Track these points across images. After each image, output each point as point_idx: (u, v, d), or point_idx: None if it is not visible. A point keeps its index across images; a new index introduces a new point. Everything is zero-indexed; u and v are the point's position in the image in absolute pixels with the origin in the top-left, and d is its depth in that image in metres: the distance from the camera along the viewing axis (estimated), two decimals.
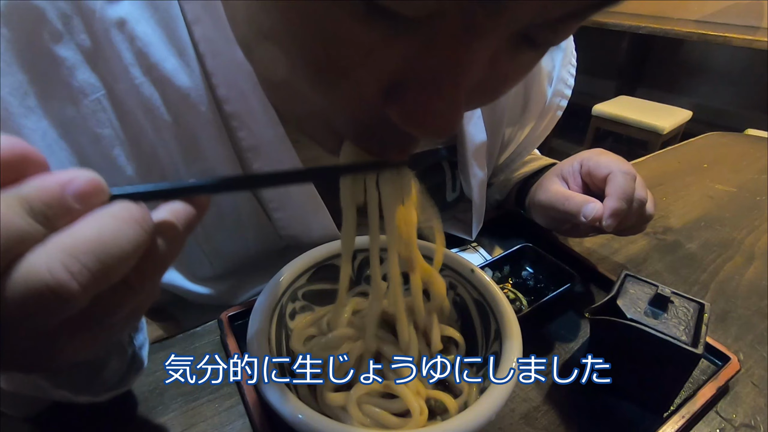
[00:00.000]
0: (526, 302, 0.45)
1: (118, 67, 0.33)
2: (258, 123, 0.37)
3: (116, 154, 0.35)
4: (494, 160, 0.57)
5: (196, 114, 0.36)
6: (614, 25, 2.59)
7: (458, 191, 0.55)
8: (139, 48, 0.33)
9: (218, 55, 0.35)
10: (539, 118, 0.55)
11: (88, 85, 0.33)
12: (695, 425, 0.35)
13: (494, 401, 0.26)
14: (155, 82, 0.34)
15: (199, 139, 0.36)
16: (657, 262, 0.55)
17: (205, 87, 0.35)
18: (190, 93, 0.35)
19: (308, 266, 0.37)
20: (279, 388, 0.26)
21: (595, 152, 0.48)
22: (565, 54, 0.53)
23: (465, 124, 0.49)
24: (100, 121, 0.34)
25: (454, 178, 0.54)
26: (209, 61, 0.35)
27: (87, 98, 0.33)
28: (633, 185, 0.42)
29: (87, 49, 0.32)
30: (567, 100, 0.55)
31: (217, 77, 0.35)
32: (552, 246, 0.53)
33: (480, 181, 0.53)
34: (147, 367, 0.38)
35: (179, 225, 0.19)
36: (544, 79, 0.53)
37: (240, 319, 0.42)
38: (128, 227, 0.16)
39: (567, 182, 0.49)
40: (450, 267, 0.38)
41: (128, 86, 0.34)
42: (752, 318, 0.46)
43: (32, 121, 0.32)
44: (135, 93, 0.34)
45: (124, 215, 0.17)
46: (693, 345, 0.32)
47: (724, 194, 0.73)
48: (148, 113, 0.35)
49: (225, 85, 0.35)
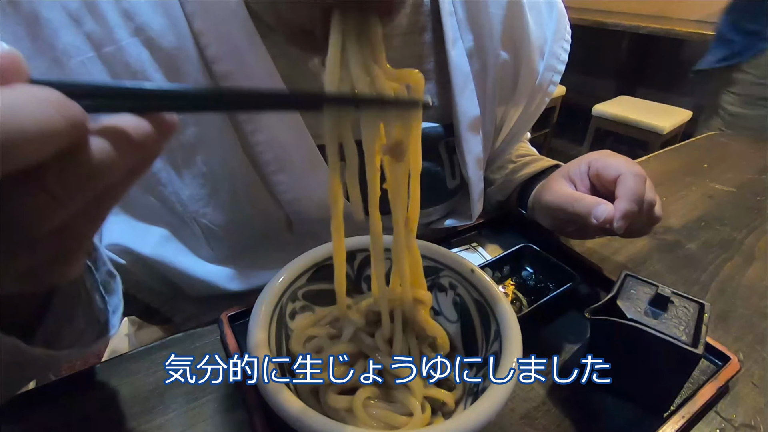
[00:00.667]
0: (526, 302, 0.45)
1: (104, 28, 0.32)
2: (252, 81, 0.36)
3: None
4: (491, 142, 0.57)
5: (186, 76, 0.35)
6: (614, 25, 2.59)
7: (459, 179, 0.55)
8: (125, 8, 0.32)
9: (208, 11, 0.34)
10: (531, 95, 0.55)
11: (72, 47, 0.32)
12: (695, 425, 0.35)
13: (494, 401, 0.26)
14: (143, 44, 0.33)
15: None
16: (657, 262, 0.55)
17: (194, 47, 0.34)
18: (179, 54, 0.34)
19: (308, 266, 0.37)
20: (279, 388, 0.26)
21: (603, 153, 0.48)
22: (557, 28, 0.53)
23: (456, 97, 0.49)
24: None
25: (452, 164, 0.53)
26: (197, 21, 0.34)
27: (72, 60, 0.33)
28: (644, 187, 0.42)
29: (72, 10, 0.32)
30: (560, 75, 0.54)
31: (207, 36, 0.34)
32: (552, 246, 0.53)
33: (476, 157, 0.52)
34: (147, 367, 0.38)
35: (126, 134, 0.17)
36: (535, 54, 0.52)
37: (240, 319, 0.42)
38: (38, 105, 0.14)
39: (574, 184, 0.49)
40: (450, 267, 0.38)
41: (114, 48, 0.33)
42: (752, 318, 0.46)
43: None
44: (122, 55, 0.33)
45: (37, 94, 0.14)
46: (693, 345, 0.32)
47: (724, 194, 0.73)
48: (135, 76, 0.34)
49: (215, 43, 0.35)
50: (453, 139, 0.52)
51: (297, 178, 0.42)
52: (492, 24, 0.48)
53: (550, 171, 0.57)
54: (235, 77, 0.36)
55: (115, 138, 0.17)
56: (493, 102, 0.52)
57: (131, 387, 0.36)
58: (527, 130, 0.58)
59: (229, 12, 0.34)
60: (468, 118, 0.50)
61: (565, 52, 0.54)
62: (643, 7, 2.84)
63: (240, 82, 0.36)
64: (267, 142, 0.39)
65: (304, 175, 0.42)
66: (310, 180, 0.42)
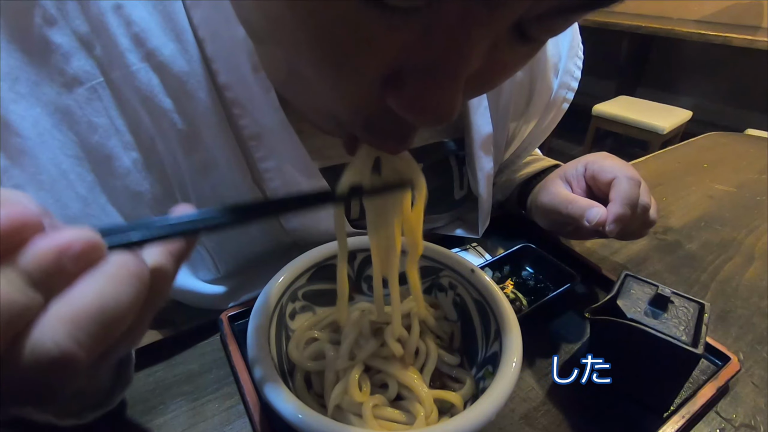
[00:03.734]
0: (526, 302, 0.45)
1: (114, 53, 0.32)
2: (259, 110, 0.36)
3: (112, 144, 0.34)
4: (501, 155, 0.57)
5: (196, 101, 0.34)
6: (614, 25, 2.59)
7: (466, 189, 0.55)
8: (136, 33, 0.32)
9: (218, 38, 0.33)
10: (545, 111, 0.55)
11: (83, 73, 0.32)
12: (695, 425, 0.35)
13: (494, 401, 0.26)
14: (153, 69, 0.33)
15: (199, 127, 0.35)
16: (657, 262, 0.55)
17: (204, 73, 0.34)
18: (189, 79, 0.34)
19: (308, 266, 0.37)
20: (279, 388, 0.26)
21: (600, 156, 0.48)
22: (571, 45, 0.53)
23: (471, 114, 0.49)
24: (95, 110, 0.33)
25: (461, 175, 0.54)
26: (209, 45, 0.33)
27: (82, 86, 0.32)
28: (638, 191, 0.42)
29: (82, 35, 0.31)
30: (573, 92, 0.54)
31: (218, 63, 0.34)
32: (552, 246, 0.53)
33: (487, 174, 0.52)
34: (147, 367, 0.38)
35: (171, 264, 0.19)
36: (550, 72, 0.53)
37: (240, 319, 0.42)
38: (128, 286, 0.16)
39: (571, 185, 0.49)
40: (450, 267, 0.38)
41: (125, 73, 0.33)
42: (752, 318, 0.46)
43: (22, 108, 0.31)
44: (132, 80, 0.33)
45: (122, 273, 0.16)
46: (693, 345, 0.32)
47: (724, 194, 0.73)
48: (146, 101, 0.34)
49: (225, 71, 0.34)
50: (464, 152, 0.52)
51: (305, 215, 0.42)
52: None
53: (549, 171, 0.57)
54: (244, 105, 0.36)
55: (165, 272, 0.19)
56: (505, 118, 0.53)
57: (131, 387, 0.36)
58: (537, 145, 0.59)
59: (237, 41, 0.34)
60: (481, 136, 0.50)
61: (578, 69, 0.54)
62: (643, 7, 2.84)
63: (247, 110, 0.36)
64: (275, 170, 0.39)
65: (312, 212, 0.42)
66: (319, 215, 0.42)
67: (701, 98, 2.89)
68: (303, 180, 0.40)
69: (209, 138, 0.36)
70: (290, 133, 0.38)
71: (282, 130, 0.37)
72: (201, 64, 0.34)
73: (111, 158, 0.34)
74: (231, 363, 0.38)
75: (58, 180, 0.33)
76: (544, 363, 0.40)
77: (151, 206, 0.37)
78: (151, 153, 0.36)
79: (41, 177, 0.32)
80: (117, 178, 0.35)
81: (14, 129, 0.31)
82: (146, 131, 0.35)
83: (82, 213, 0.34)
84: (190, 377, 0.37)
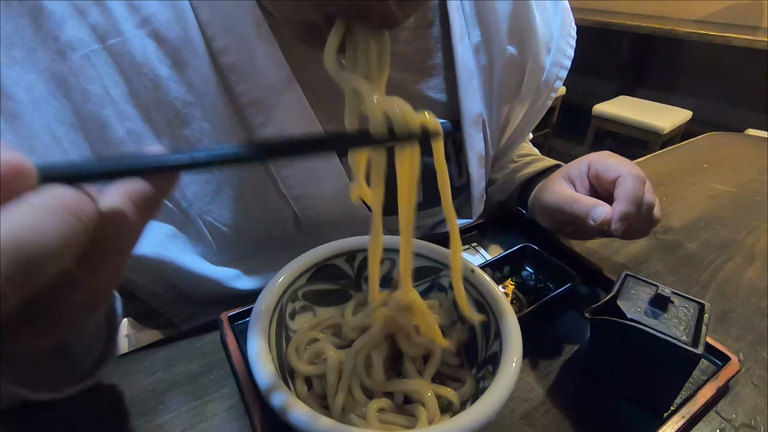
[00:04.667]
0: (526, 302, 0.45)
1: (109, 20, 0.32)
2: (262, 70, 0.36)
3: (107, 114, 0.34)
4: (495, 139, 0.56)
5: (192, 69, 0.34)
6: (614, 25, 2.59)
7: (465, 177, 0.55)
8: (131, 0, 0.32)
9: (214, 3, 0.33)
10: (538, 92, 0.55)
11: (76, 40, 0.32)
12: (695, 425, 0.35)
13: (494, 401, 0.26)
14: (148, 36, 0.33)
15: (196, 96, 0.35)
16: (657, 262, 0.55)
17: (200, 39, 0.34)
18: (185, 46, 0.33)
19: (308, 266, 0.37)
20: (279, 389, 0.26)
21: (603, 155, 0.48)
22: (563, 24, 0.53)
23: (461, 92, 0.48)
24: (89, 78, 0.33)
25: (459, 162, 0.53)
26: (204, 12, 0.33)
27: (76, 53, 0.32)
28: (643, 189, 0.42)
29: (76, 1, 0.31)
30: (566, 70, 0.54)
31: (214, 27, 0.34)
32: (552, 246, 0.53)
33: (478, 154, 0.52)
34: (147, 367, 0.38)
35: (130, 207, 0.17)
36: (542, 51, 0.52)
37: (240, 319, 0.41)
38: (56, 218, 0.14)
39: (574, 184, 0.49)
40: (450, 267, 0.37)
41: (119, 41, 0.32)
42: (752, 318, 0.46)
43: (16, 73, 0.31)
44: (127, 48, 0.33)
45: (51, 205, 0.14)
46: (693, 345, 0.32)
47: (724, 194, 0.73)
48: (141, 68, 0.33)
49: (222, 35, 0.34)
50: (460, 135, 0.51)
51: (306, 172, 0.41)
52: (499, 19, 0.48)
53: (550, 171, 0.57)
54: (242, 70, 0.35)
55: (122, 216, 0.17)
56: (498, 99, 0.52)
57: (131, 387, 0.36)
58: (532, 128, 0.58)
59: (236, 3, 0.33)
60: (472, 115, 0.50)
61: (570, 48, 0.54)
62: (643, 7, 2.85)
63: (247, 74, 0.35)
64: (276, 136, 0.38)
65: (314, 169, 0.41)
66: (319, 173, 0.41)
67: (701, 98, 2.88)
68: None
69: (206, 107, 0.35)
70: (295, 89, 0.37)
71: (286, 86, 0.36)
72: (197, 31, 0.33)
73: (105, 127, 0.34)
74: (231, 363, 0.38)
75: (51, 147, 0.33)
76: (544, 363, 0.40)
77: None
78: (146, 123, 0.35)
79: (34, 143, 0.32)
80: (111, 147, 0.35)
81: (7, 93, 0.31)
82: (141, 101, 0.34)
83: None
84: (190, 377, 0.37)
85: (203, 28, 0.34)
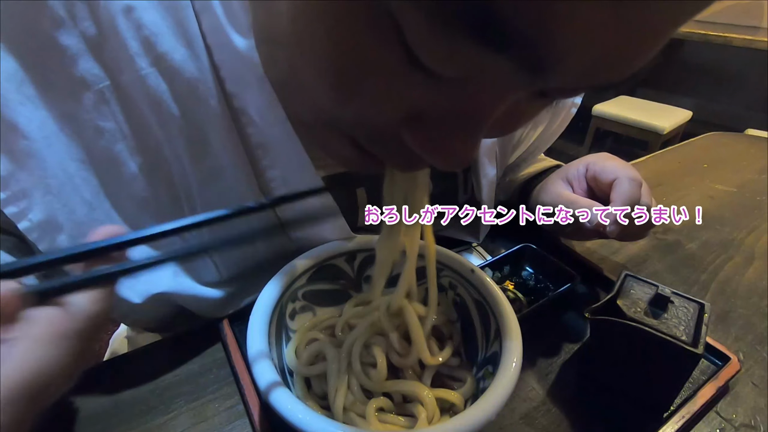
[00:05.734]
0: (526, 302, 0.45)
1: (123, 56, 0.31)
2: (265, 121, 0.36)
3: (119, 149, 0.34)
4: (506, 160, 0.57)
5: (205, 108, 0.34)
6: None
7: (469, 192, 0.55)
8: (146, 36, 0.31)
9: (225, 47, 0.33)
10: (553, 116, 0.55)
11: (90, 76, 0.31)
12: (695, 425, 0.35)
13: (494, 401, 0.26)
14: (162, 74, 0.32)
15: (208, 134, 0.35)
16: (657, 262, 0.55)
17: (213, 80, 0.33)
18: (199, 86, 0.33)
19: (308, 266, 0.37)
20: (279, 389, 0.26)
21: (602, 157, 0.48)
22: None
23: None
24: (102, 114, 0.33)
25: (465, 180, 0.53)
26: (217, 53, 0.33)
27: (89, 89, 0.32)
28: (639, 192, 0.42)
29: (91, 37, 0.31)
30: (581, 97, 0.54)
31: (225, 70, 0.34)
32: (552, 246, 0.53)
33: (490, 181, 0.52)
34: (147, 367, 0.38)
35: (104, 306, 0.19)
36: None
37: (240, 320, 0.41)
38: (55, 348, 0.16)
39: (572, 185, 0.49)
40: (450, 267, 0.38)
41: (134, 77, 0.32)
42: (752, 318, 0.46)
43: (29, 110, 0.30)
44: (141, 84, 0.32)
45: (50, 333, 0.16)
46: (693, 345, 0.32)
47: (724, 194, 0.73)
48: (155, 106, 0.33)
49: (232, 79, 0.34)
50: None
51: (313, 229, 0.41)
52: None
53: (550, 171, 0.57)
54: (250, 115, 0.35)
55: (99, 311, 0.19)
56: None
57: (131, 387, 0.36)
58: (543, 150, 0.58)
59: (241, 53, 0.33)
60: (486, 144, 0.49)
61: None
62: None
63: (254, 120, 0.36)
64: (280, 179, 0.38)
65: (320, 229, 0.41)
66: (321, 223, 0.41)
67: (701, 98, 2.88)
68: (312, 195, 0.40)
69: (217, 145, 0.35)
70: (296, 144, 0.37)
71: (287, 140, 0.37)
72: (210, 72, 0.33)
73: (117, 163, 0.34)
74: (231, 363, 0.38)
75: (65, 184, 0.32)
76: (544, 363, 0.40)
77: (156, 212, 0.36)
78: (158, 159, 0.35)
79: (48, 181, 0.32)
80: (123, 183, 0.35)
81: (21, 131, 0.30)
82: (153, 137, 0.34)
83: (88, 218, 0.33)
84: (190, 377, 0.37)
85: (216, 69, 0.33)
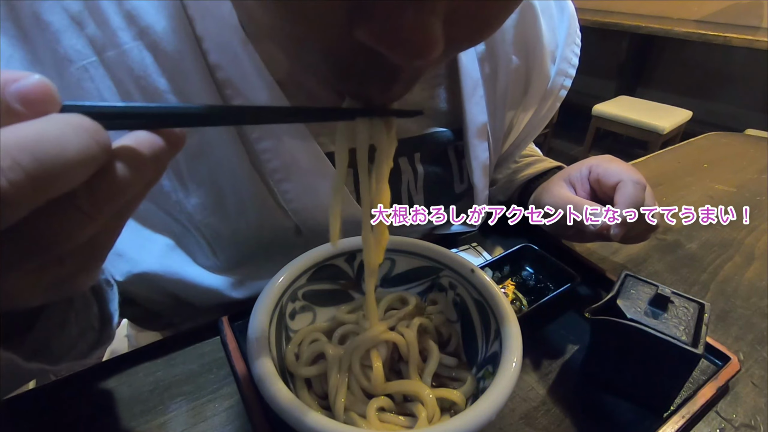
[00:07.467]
0: (526, 302, 0.45)
1: (106, 31, 0.31)
2: (252, 88, 0.35)
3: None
4: (499, 146, 0.57)
5: (190, 81, 0.34)
6: (614, 25, 2.59)
7: (466, 183, 0.55)
8: (128, 10, 0.31)
9: (207, 16, 0.33)
10: (542, 100, 0.55)
11: (74, 52, 0.31)
12: (695, 425, 0.35)
13: (494, 401, 0.26)
14: (146, 47, 0.32)
15: None
16: (657, 262, 0.55)
17: (196, 52, 0.33)
18: (183, 58, 0.33)
19: (308, 266, 0.37)
20: (279, 389, 0.26)
21: (605, 159, 0.47)
22: (568, 33, 0.52)
23: (466, 102, 0.48)
24: (86, 90, 0.32)
25: (461, 169, 0.53)
26: (198, 24, 0.33)
27: (73, 65, 0.32)
28: (643, 195, 0.42)
29: (74, 13, 0.31)
30: (571, 79, 0.54)
31: (208, 42, 0.33)
32: (552, 246, 0.53)
33: (482, 164, 0.52)
34: (147, 367, 0.38)
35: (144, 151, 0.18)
36: (547, 60, 0.52)
37: (240, 320, 0.42)
38: (76, 134, 0.15)
39: (574, 188, 0.48)
40: (450, 267, 0.38)
41: (117, 52, 0.32)
42: (752, 318, 0.46)
43: None
44: (124, 59, 0.32)
45: (73, 121, 0.15)
46: (693, 345, 0.32)
47: (724, 194, 0.73)
48: (139, 81, 0.33)
49: (216, 50, 0.34)
50: (462, 143, 0.51)
51: (305, 186, 0.41)
52: (504, 28, 0.48)
53: (552, 172, 0.57)
54: (236, 86, 0.35)
55: (134, 155, 0.18)
56: (502, 107, 0.52)
57: (131, 387, 0.36)
58: (536, 135, 0.58)
59: (224, 18, 0.33)
60: (476, 125, 0.50)
61: (576, 56, 0.53)
62: (643, 7, 2.85)
63: (241, 90, 0.35)
64: (273, 150, 0.38)
65: (312, 183, 0.41)
66: (318, 187, 0.41)
67: (701, 98, 2.89)
68: (302, 157, 0.39)
69: None
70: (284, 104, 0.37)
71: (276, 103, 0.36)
72: (193, 43, 0.33)
73: None
74: (231, 363, 0.38)
75: None
76: (544, 363, 0.40)
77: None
78: None
79: None
80: None
81: None
82: None
83: None
84: (190, 377, 0.37)
85: (199, 41, 0.33)
